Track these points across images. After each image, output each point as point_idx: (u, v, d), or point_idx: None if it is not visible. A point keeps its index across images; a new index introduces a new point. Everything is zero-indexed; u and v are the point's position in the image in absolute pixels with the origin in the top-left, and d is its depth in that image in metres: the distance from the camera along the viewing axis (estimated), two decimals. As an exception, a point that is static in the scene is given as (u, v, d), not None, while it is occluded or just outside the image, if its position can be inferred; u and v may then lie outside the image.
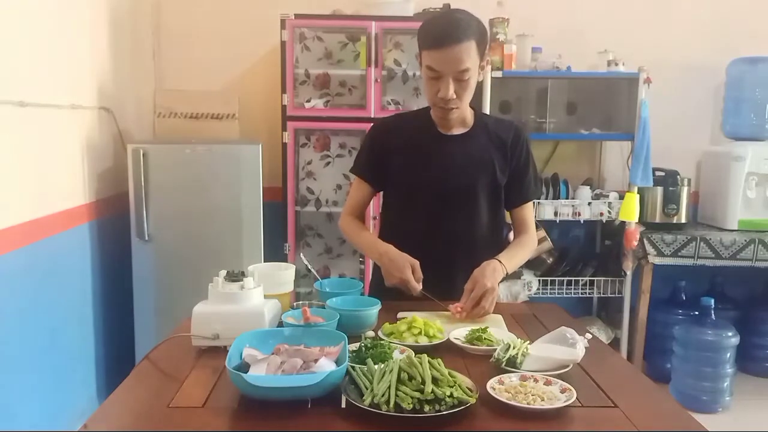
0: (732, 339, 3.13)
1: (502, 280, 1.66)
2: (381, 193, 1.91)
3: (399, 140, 1.80)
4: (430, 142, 1.78)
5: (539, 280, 3.44)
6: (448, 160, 1.76)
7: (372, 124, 1.95)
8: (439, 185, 1.76)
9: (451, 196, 1.76)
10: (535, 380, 1.17)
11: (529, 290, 3.39)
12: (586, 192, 3.40)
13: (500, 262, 1.66)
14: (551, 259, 3.46)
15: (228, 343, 1.22)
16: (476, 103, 3.29)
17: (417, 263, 1.64)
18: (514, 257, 1.74)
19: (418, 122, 1.82)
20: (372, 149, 1.85)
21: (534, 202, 1.93)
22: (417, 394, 1.03)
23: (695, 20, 3.64)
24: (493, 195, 1.79)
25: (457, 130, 1.79)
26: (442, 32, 1.59)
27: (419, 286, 1.62)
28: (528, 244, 1.82)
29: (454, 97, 1.64)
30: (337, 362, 1.15)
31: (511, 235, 1.94)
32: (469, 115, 1.79)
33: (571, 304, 3.56)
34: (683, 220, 3.41)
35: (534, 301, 3.31)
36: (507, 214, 1.88)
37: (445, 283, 1.67)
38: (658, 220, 3.41)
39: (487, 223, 1.79)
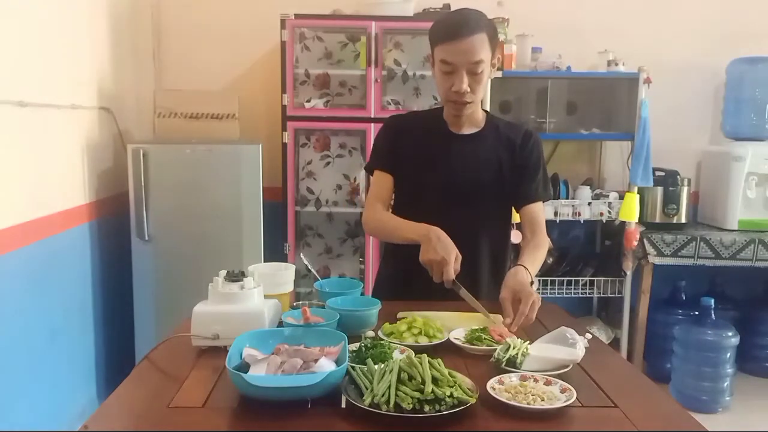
0: (732, 339, 3.13)
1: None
2: None
3: (410, 137, 1.81)
4: (439, 140, 1.79)
5: (539, 280, 3.44)
6: (456, 159, 1.77)
7: (388, 117, 1.94)
8: (446, 184, 1.76)
9: (458, 194, 1.76)
10: (535, 380, 1.17)
11: (529, 290, 3.38)
12: (586, 192, 3.40)
13: (525, 268, 1.62)
14: (551, 259, 3.46)
15: (228, 343, 1.22)
16: (476, 103, 3.31)
17: (460, 257, 1.56)
18: (535, 261, 1.71)
19: (429, 121, 1.83)
20: (388, 143, 1.84)
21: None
22: (417, 394, 1.03)
23: (695, 20, 3.63)
24: (500, 195, 1.79)
25: (468, 130, 1.79)
26: (455, 25, 1.61)
27: (453, 276, 1.54)
28: (543, 246, 1.79)
29: (468, 90, 1.64)
30: (337, 362, 1.15)
31: (513, 235, 1.94)
32: (480, 116, 1.80)
33: (571, 304, 3.56)
34: (683, 220, 3.41)
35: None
36: (514, 215, 1.88)
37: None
38: (658, 220, 3.41)
39: (492, 222, 1.80)
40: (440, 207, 1.75)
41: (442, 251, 1.54)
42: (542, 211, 1.83)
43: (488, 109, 3.21)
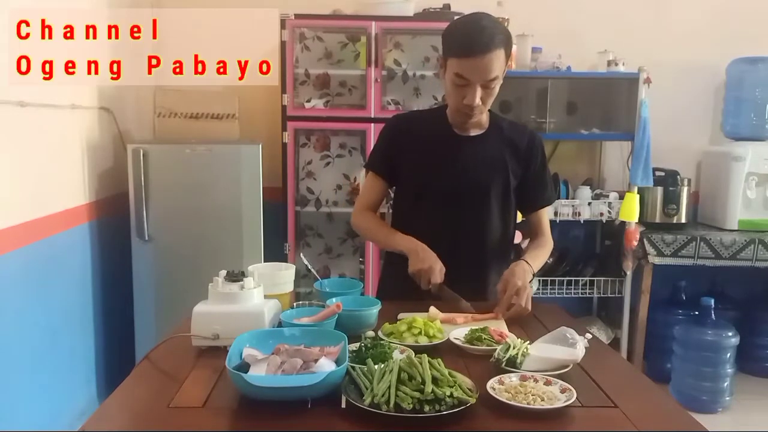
0: (732, 339, 3.13)
1: (530, 280, 1.69)
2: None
3: (413, 139, 1.80)
4: (444, 142, 1.78)
5: (539, 280, 3.44)
6: (461, 161, 1.76)
7: (391, 117, 1.93)
8: (451, 187, 1.76)
9: (463, 197, 1.76)
10: (535, 380, 1.17)
11: (529, 290, 3.39)
12: (586, 192, 3.40)
13: (527, 262, 1.70)
14: (551, 259, 3.46)
15: (228, 343, 1.22)
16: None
17: (444, 269, 1.66)
18: (537, 257, 1.79)
19: (433, 121, 1.81)
20: (387, 145, 1.84)
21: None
22: (417, 394, 1.03)
23: (695, 20, 3.63)
24: (504, 197, 1.80)
25: (473, 132, 1.78)
26: (472, 41, 1.56)
27: (439, 280, 1.64)
28: (546, 246, 1.86)
29: (480, 104, 1.64)
30: (337, 362, 1.15)
31: (518, 236, 1.96)
32: (485, 116, 1.79)
33: (571, 304, 3.56)
34: (683, 220, 3.41)
35: (534, 301, 3.30)
36: (518, 216, 1.90)
37: (453, 284, 1.67)
38: (658, 220, 3.41)
39: (497, 224, 1.80)
40: (444, 209, 1.76)
41: (429, 261, 1.64)
42: (548, 214, 1.90)
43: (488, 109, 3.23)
